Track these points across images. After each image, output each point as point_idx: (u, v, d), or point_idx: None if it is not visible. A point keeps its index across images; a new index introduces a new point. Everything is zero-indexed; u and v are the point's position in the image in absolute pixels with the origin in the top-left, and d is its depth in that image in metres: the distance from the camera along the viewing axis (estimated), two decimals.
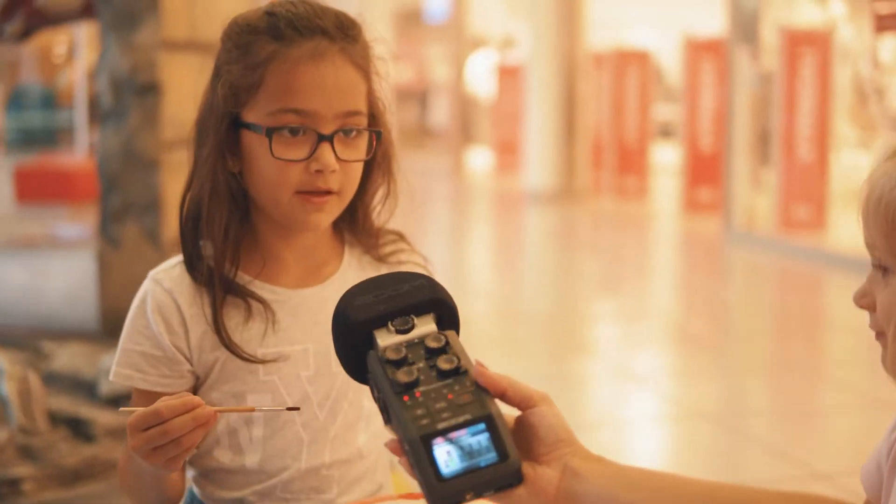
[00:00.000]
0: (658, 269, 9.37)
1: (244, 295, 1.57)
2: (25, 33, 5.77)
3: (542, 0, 13.64)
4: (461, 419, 1.05)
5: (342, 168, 1.54)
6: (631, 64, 13.52)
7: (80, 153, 14.49)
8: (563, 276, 8.67)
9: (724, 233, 10.05)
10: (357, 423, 1.64)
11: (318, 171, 1.52)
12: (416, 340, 1.11)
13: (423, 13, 23.41)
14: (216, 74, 1.57)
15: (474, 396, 1.08)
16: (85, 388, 3.98)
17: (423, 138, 24.18)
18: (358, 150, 1.57)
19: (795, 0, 10.24)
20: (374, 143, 1.59)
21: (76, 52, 19.21)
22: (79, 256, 5.57)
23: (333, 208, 1.57)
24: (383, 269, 1.69)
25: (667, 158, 15.44)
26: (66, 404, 3.79)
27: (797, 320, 6.96)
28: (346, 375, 1.59)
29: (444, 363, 1.09)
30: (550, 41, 13.58)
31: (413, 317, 1.13)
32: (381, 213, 1.70)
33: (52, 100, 24.58)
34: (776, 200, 9.45)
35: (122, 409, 1.43)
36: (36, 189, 11.85)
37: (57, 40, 24.82)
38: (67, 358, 4.36)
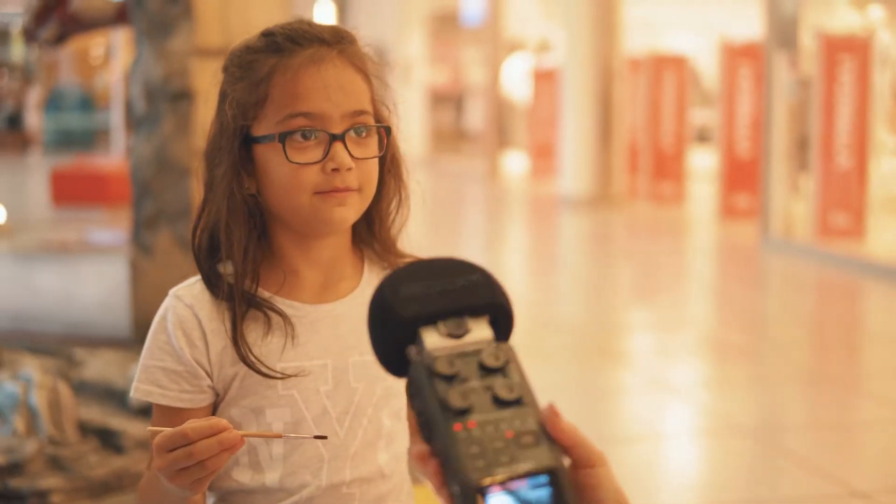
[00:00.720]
0: (693, 276, 9.30)
1: (264, 308, 1.58)
2: (59, 38, 5.78)
3: (578, 4, 13.58)
4: (524, 467, 0.89)
5: (358, 166, 1.56)
6: (667, 68, 13.44)
7: (116, 156, 14.57)
8: (598, 284, 8.61)
9: (761, 240, 9.97)
10: (377, 441, 1.63)
11: (335, 170, 1.54)
12: (470, 351, 0.95)
13: (459, 16, 23.39)
14: (222, 99, 1.59)
15: (538, 440, 0.91)
16: (116, 397, 3.97)
17: (459, 142, 24.18)
18: (370, 148, 1.59)
19: (834, 5, 10.15)
20: (385, 139, 1.61)
21: (113, 55, 19.33)
22: (112, 262, 5.57)
23: (356, 203, 1.58)
24: None
25: (703, 163, 15.35)
26: (96, 414, 3.78)
27: (835, 331, 6.88)
28: (364, 391, 1.61)
29: (503, 390, 0.93)
30: (586, 45, 13.53)
31: (467, 318, 0.97)
32: (395, 220, 1.70)
33: (89, 102, 24.77)
34: (814, 208, 9.35)
35: (149, 427, 1.46)
36: (72, 192, 11.91)
37: (95, 42, 25.01)
38: (99, 366, 4.35)
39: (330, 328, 1.62)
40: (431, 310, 0.97)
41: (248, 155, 1.57)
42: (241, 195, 1.56)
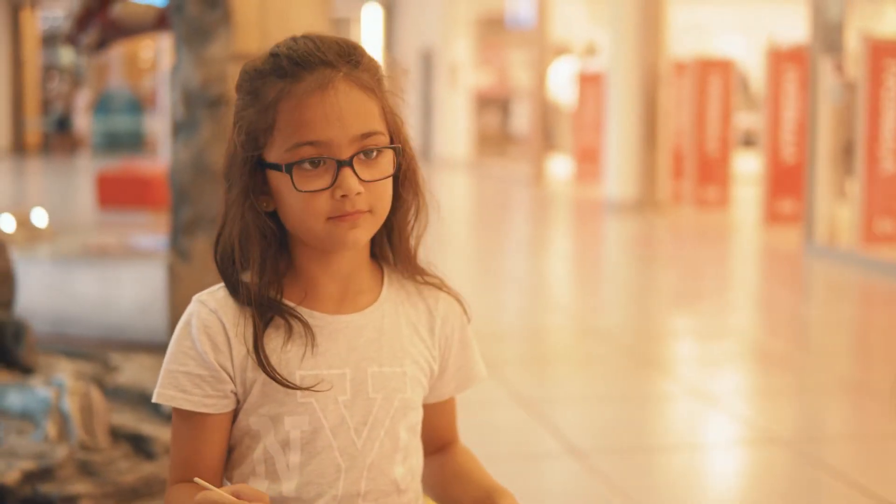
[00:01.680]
0: (736, 283, 9.22)
1: (286, 316, 1.61)
2: (101, 44, 5.83)
3: (624, 7, 13.53)
4: None
5: (368, 189, 1.57)
6: (713, 72, 13.35)
7: (161, 159, 14.66)
8: (640, 290, 8.56)
9: (805, 246, 9.87)
10: (394, 453, 1.64)
11: (344, 197, 1.54)
12: None
13: (506, 19, 23.36)
14: (235, 123, 1.62)
15: None
16: (149, 403, 3.97)
17: (505, 145, 24.15)
18: (381, 169, 1.59)
19: (881, 8, 10.04)
20: (396, 158, 1.62)
21: (161, 58, 19.48)
22: (151, 267, 5.60)
23: (368, 225, 1.59)
24: (419, 301, 1.72)
25: (749, 168, 15.24)
26: (128, 420, 3.79)
27: (879, 339, 6.79)
28: (382, 402, 1.63)
29: None
30: (632, 49, 13.47)
31: None
32: (414, 230, 1.71)
33: (138, 105, 24.98)
34: (859, 213, 9.25)
35: (196, 480, 1.47)
36: (117, 195, 12.00)
37: (143, 45, 25.23)
38: (134, 371, 4.36)
39: (349, 339, 1.63)
40: None
41: (263, 176, 1.60)
42: (254, 218, 1.59)
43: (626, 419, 4.89)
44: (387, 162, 1.60)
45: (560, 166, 19.45)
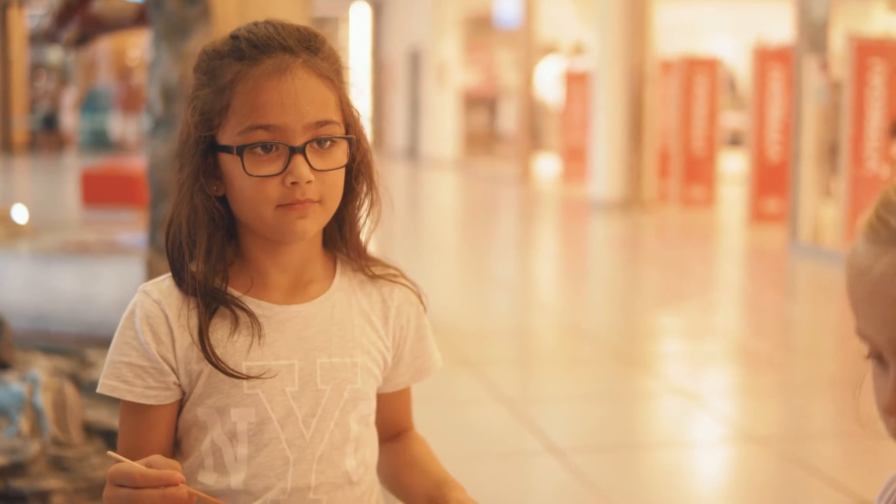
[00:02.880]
0: (721, 282, 9.21)
1: (231, 306, 1.58)
2: (81, 40, 5.78)
3: (611, 7, 13.52)
4: None
5: (319, 178, 1.54)
6: (700, 71, 13.36)
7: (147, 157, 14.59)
8: (626, 289, 8.54)
9: (790, 245, 9.86)
10: (344, 444, 1.62)
11: (294, 184, 1.52)
12: None
13: (493, 19, 23.34)
14: (189, 102, 1.59)
15: None
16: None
17: (492, 144, 24.13)
18: (334, 159, 1.57)
19: (867, 8, 10.04)
20: (350, 150, 1.60)
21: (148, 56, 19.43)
22: (131, 263, 5.57)
23: (318, 215, 1.57)
24: (373, 290, 1.70)
25: (735, 167, 15.25)
26: (103, 416, 3.75)
27: None
28: (331, 394, 1.60)
29: None
30: (619, 48, 13.46)
31: None
32: (366, 224, 1.68)
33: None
34: (843, 212, 9.25)
35: (109, 453, 1.44)
36: (102, 193, 11.92)
37: (130, 43, 25.17)
38: None
39: (298, 329, 1.61)
40: None
41: (214, 160, 1.57)
42: (203, 200, 1.56)
43: (609, 418, 4.87)
44: (340, 153, 1.58)
45: (547, 165, 19.45)
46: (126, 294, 5.60)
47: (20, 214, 7.61)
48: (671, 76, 13.73)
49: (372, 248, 1.70)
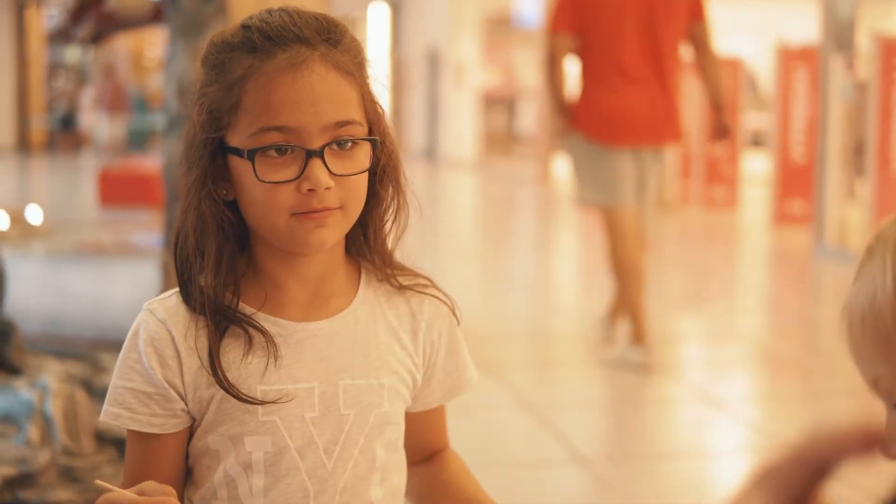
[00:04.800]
0: (744, 285, 9.08)
1: (244, 325, 1.44)
2: (96, 38, 5.72)
3: None
4: None
5: (340, 183, 1.40)
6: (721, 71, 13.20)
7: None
8: (648, 292, 8.42)
9: (815, 247, 9.73)
10: (370, 474, 1.48)
11: (311, 191, 1.38)
12: None
13: (511, 18, 23.24)
14: (196, 99, 1.44)
15: None
16: None
17: (511, 144, 24.04)
18: (356, 163, 1.42)
19: (889, 7, 9.90)
20: (373, 152, 1.45)
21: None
22: (146, 265, 5.49)
23: (338, 224, 1.42)
24: (401, 302, 1.55)
25: (757, 168, 15.12)
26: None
27: None
28: (356, 419, 1.45)
29: None
30: None
31: None
32: (392, 230, 1.53)
33: (144, 103, 24.89)
34: (870, 214, 9.11)
35: (97, 482, 1.33)
36: (119, 193, 11.87)
37: (149, 43, 25.17)
38: None
39: (318, 348, 1.46)
40: None
41: (224, 162, 1.43)
42: (211, 207, 1.42)
43: (633, 425, 4.76)
44: (363, 155, 1.43)
45: (566, 166, 19.34)
46: (141, 296, 5.51)
47: (34, 215, 7.54)
48: (692, 76, 13.59)
49: (398, 255, 1.58)
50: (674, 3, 5.47)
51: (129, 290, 5.45)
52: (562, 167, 19.07)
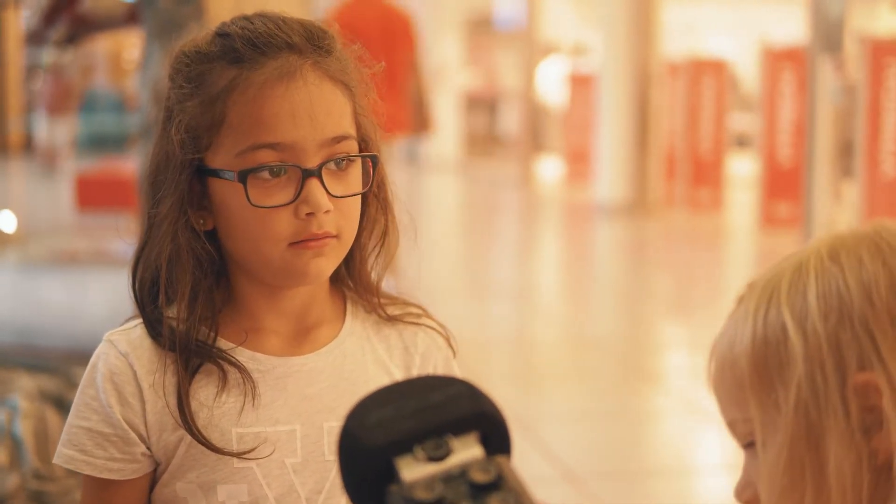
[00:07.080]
0: (732, 290, 8.94)
1: (218, 359, 1.29)
2: (69, 40, 5.59)
3: (615, 7, 13.32)
4: None
5: (337, 206, 1.26)
6: (706, 73, 13.16)
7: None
8: (632, 297, 8.31)
9: None
10: None
11: (310, 215, 1.24)
12: (457, 472, 0.77)
13: (493, 20, 23.16)
14: (167, 118, 1.29)
15: None
16: None
17: (493, 146, 23.96)
18: (352, 183, 1.29)
19: (881, 8, 9.83)
20: (372, 170, 1.31)
21: None
22: (123, 274, 5.33)
23: (334, 253, 1.29)
24: (392, 334, 1.40)
25: (743, 170, 15.06)
26: None
27: None
28: None
29: None
30: (623, 49, 13.25)
31: (450, 437, 0.80)
32: (381, 257, 1.39)
33: (122, 104, 24.73)
34: (858, 217, 9.03)
35: None
36: (96, 197, 11.73)
37: (127, 44, 24.98)
38: None
39: (301, 386, 1.32)
40: (404, 433, 0.79)
41: (202, 188, 1.28)
42: (189, 239, 1.28)
43: (617, 438, 4.64)
44: (356, 175, 1.30)
45: (549, 168, 19.25)
46: (118, 307, 5.36)
47: (7, 222, 7.39)
48: (677, 78, 13.54)
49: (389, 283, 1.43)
50: None
51: (104, 301, 5.30)
52: (543, 169, 18.99)
